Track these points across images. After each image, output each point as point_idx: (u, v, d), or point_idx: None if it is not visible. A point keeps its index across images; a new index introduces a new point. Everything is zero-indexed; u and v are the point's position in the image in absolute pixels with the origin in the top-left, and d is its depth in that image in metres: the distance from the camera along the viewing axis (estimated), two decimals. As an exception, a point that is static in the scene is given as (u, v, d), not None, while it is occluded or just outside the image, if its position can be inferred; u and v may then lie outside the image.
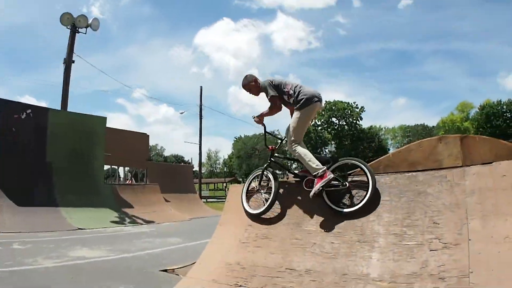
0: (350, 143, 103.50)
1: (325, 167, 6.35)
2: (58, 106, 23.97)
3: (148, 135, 31.31)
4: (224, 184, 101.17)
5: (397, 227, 5.26)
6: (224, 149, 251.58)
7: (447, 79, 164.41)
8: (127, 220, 20.30)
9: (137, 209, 22.38)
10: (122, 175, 34.91)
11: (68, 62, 25.69)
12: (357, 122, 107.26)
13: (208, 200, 45.31)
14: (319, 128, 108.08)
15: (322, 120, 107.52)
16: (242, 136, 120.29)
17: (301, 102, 6.69)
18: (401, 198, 5.59)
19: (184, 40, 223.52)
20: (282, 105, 7.31)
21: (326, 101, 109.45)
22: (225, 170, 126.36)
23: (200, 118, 53.07)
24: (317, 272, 5.17)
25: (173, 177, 30.09)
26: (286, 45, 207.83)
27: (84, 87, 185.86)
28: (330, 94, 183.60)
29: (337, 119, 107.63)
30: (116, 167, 31.30)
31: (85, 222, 17.88)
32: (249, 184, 7.32)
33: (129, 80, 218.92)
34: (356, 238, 5.35)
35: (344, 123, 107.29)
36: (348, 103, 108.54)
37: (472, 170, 5.46)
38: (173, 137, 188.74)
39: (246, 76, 7.32)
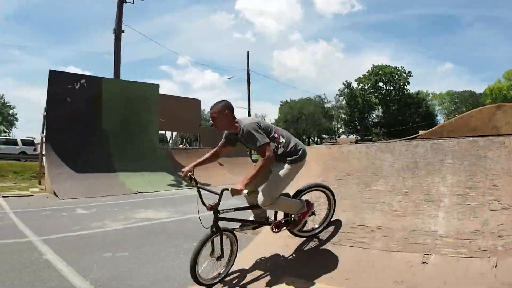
0: (397, 109, 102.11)
1: (304, 200, 5.83)
2: (103, 76, 24.39)
3: (200, 101, 31.78)
4: None
5: (460, 188, 5.49)
6: (270, 114, 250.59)
7: (493, 46, 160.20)
8: (184, 183, 20.82)
9: (192, 172, 22.60)
10: (171, 140, 35.45)
11: (118, 32, 26.32)
12: (404, 87, 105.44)
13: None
14: (366, 92, 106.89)
15: (369, 84, 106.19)
16: (288, 100, 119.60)
17: (299, 154, 5.60)
18: (464, 161, 5.78)
19: (225, 5, 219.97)
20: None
21: (373, 65, 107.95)
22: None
23: (248, 83, 53.34)
24: (387, 229, 5.47)
25: None
26: (328, 8, 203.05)
27: (126, 55, 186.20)
28: (374, 58, 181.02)
29: (384, 83, 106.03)
30: (164, 132, 31.78)
31: (144, 186, 18.61)
32: (200, 252, 5.11)
33: (172, 47, 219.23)
34: (423, 197, 5.60)
35: (391, 88, 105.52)
36: (396, 67, 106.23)
37: (528, 138, 5.66)
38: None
39: (221, 101, 5.56)
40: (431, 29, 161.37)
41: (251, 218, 6.13)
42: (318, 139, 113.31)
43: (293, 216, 5.85)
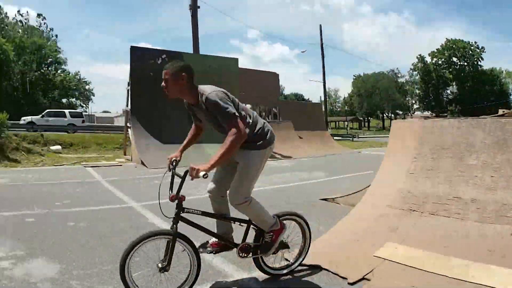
0: (471, 85, 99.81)
1: (276, 217, 4.86)
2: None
3: (278, 74, 31.98)
4: (346, 122, 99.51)
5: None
6: (343, 88, 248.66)
7: None
8: (266, 153, 21.12)
9: (273, 144, 23.06)
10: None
11: (194, 8, 26.94)
12: (478, 63, 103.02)
13: (334, 138, 45.49)
14: (440, 67, 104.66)
15: (443, 59, 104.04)
16: (361, 74, 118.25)
17: (268, 137, 4.70)
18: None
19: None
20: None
21: (446, 39, 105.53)
22: (345, 108, 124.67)
23: (323, 56, 53.41)
24: (480, 202, 5.74)
25: (304, 115, 30.59)
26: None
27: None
28: (445, 31, 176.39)
29: (457, 59, 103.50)
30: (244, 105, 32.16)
31: None
32: (130, 258, 4.05)
33: (241, 21, 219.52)
34: None
35: (465, 63, 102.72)
36: (469, 42, 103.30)
37: None
38: (289, 76, 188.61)
39: (178, 62, 4.58)
40: (502, 3, 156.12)
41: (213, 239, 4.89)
42: (392, 115, 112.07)
43: (264, 238, 4.81)
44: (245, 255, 4.73)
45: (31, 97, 70.49)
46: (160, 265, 4.17)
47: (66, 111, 42.79)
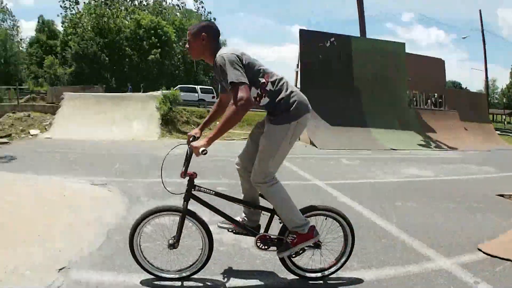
0: None
1: (310, 222, 4.24)
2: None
3: (444, 61, 30.65)
4: (503, 116, 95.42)
5: None
6: (501, 78, 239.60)
7: None
8: (432, 144, 21.03)
9: (439, 134, 22.91)
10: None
11: (359, -8, 27.08)
12: None
13: (493, 132, 43.60)
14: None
15: None
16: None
17: (291, 109, 4.01)
18: None
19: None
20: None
21: None
22: (504, 101, 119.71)
23: (484, 44, 51.55)
24: None
25: (469, 105, 29.23)
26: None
27: (352, 13, 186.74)
28: None
29: None
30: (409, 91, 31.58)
31: (396, 143, 19.24)
32: (141, 229, 4.13)
33: (397, 3, 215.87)
34: None
35: None
36: None
37: None
38: (445, 62, 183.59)
39: (202, 22, 4.36)
40: None
41: (238, 218, 4.50)
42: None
43: (287, 236, 4.25)
44: (265, 247, 4.27)
45: (193, 76, 73.26)
46: (171, 241, 4.11)
47: (197, 87, 44.62)
